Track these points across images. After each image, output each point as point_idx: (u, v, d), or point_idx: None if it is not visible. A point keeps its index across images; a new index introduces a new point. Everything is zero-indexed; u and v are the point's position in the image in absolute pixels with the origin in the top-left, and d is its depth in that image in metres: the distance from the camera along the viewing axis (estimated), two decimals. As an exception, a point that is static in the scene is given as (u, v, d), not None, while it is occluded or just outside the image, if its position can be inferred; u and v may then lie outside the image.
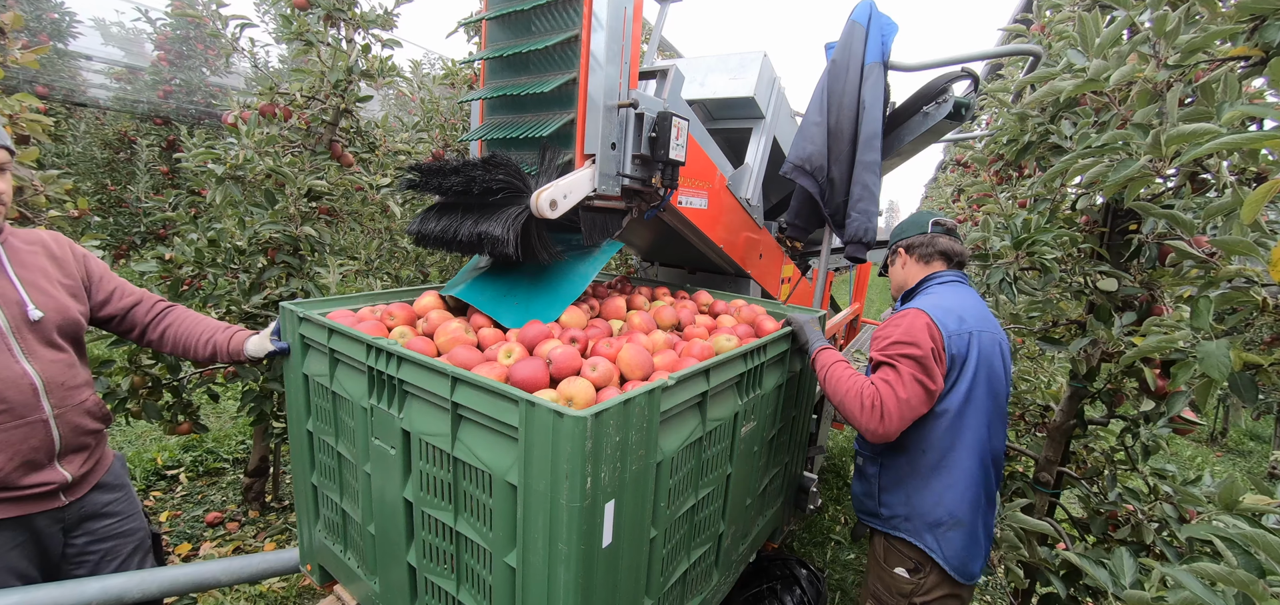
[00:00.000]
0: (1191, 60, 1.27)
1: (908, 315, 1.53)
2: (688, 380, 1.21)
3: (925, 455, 1.55)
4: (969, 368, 1.53)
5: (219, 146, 2.53)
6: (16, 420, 1.33)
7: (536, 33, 1.74)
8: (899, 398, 1.43)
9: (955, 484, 1.54)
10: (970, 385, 1.52)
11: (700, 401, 1.31)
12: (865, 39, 2.16)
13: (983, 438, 1.55)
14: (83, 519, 1.52)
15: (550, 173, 1.61)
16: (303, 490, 1.62)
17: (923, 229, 1.78)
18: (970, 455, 1.54)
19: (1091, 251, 1.99)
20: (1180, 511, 1.79)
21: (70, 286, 1.47)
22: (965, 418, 1.53)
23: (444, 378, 1.10)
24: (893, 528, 1.63)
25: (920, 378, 1.45)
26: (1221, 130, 1.02)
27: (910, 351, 1.47)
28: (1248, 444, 6.33)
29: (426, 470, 1.19)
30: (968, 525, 1.55)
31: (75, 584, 1.39)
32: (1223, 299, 1.24)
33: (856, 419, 1.46)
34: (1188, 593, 0.85)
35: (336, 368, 1.40)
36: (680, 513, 1.31)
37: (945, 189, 5.06)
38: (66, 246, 1.51)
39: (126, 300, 1.60)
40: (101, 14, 7.16)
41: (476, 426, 1.09)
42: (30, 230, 1.48)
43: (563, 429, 0.92)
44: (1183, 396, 1.49)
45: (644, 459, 1.10)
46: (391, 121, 3.76)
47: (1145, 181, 1.33)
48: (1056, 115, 1.96)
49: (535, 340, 1.45)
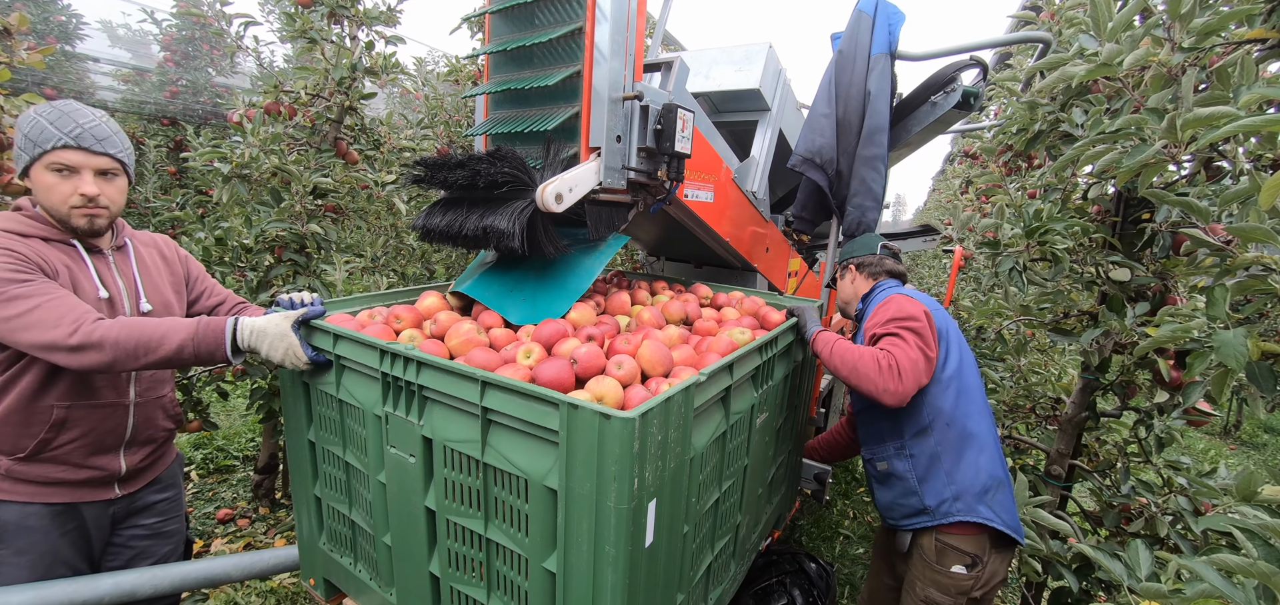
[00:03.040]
0: (1207, 43, 1.24)
1: (892, 300, 1.63)
2: (715, 376, 1.20)
3: (950, 428, 1.59)
4: (952, 338, 1.65)
5: (225, 146, 2.54)
6: (102, 401, 1.41)
7: (540, 26, 1.73)
8: (910, 358, 1.48)
9: (986, 446, 1.59)
10: (960, 354, 1.64)
11: (724, 396, 1.31)
12: (872, 29, 2.13)
13: (984, 399, 1.66)
14: (131, 513, 1.56)
15: (555, 166, 1.60)
16: (304, 502, 1.56)
17: (872, 250, 1.96)
18: (983, 417, 1.62)
19: (1103, 241, 1.96)
20: (1195, 504, 1.77)
21: (175, 284, 1.63)
22: (966, 382, 1.62)
23: (472, 383, 1.06)
24: (946, 516, 1.58)
25: (921, 345, 1.52)
26: (1240, 113, 1.00)
27: (908, 323, 1.54)
28: (1262, 437, 6.26)
29: (452, 477, 1.14)
30: (1005, 481, 1.60)
31: (88, 580, 1.41)
32: (1239, 287, 1.22)
33: (873, 381, 1.47)
34: (1206, 585, 0.84)
35: (343, 375, 1.35)
36: (706, 507, 1.31)
37: (953, 181, 5.02)
38: (173, 248, 1.70)
39: (214, 299, 1.74)
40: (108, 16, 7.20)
41: (509, 431, 1.06)
42: (146, 232, 1.65)
43: (610, 431, 0.90)
44: (1199, 387, 1.47)
45: (680, 455, 1.09)
46: (396, 119, 3.76)
47: (1160, 168, 1.31)
48: (1067, 103, 1.93)
49: (552, 339, 1.43)
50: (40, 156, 1.33)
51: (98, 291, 1.40)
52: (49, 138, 1.32)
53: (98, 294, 1.39)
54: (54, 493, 1.39)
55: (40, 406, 1.34)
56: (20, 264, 1.27)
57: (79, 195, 1.36)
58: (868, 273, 1.90)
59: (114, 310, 1.43)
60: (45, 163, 1.33)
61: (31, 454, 1.35)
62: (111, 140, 1.40)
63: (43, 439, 1.35)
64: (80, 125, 1.35)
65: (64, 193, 1.35)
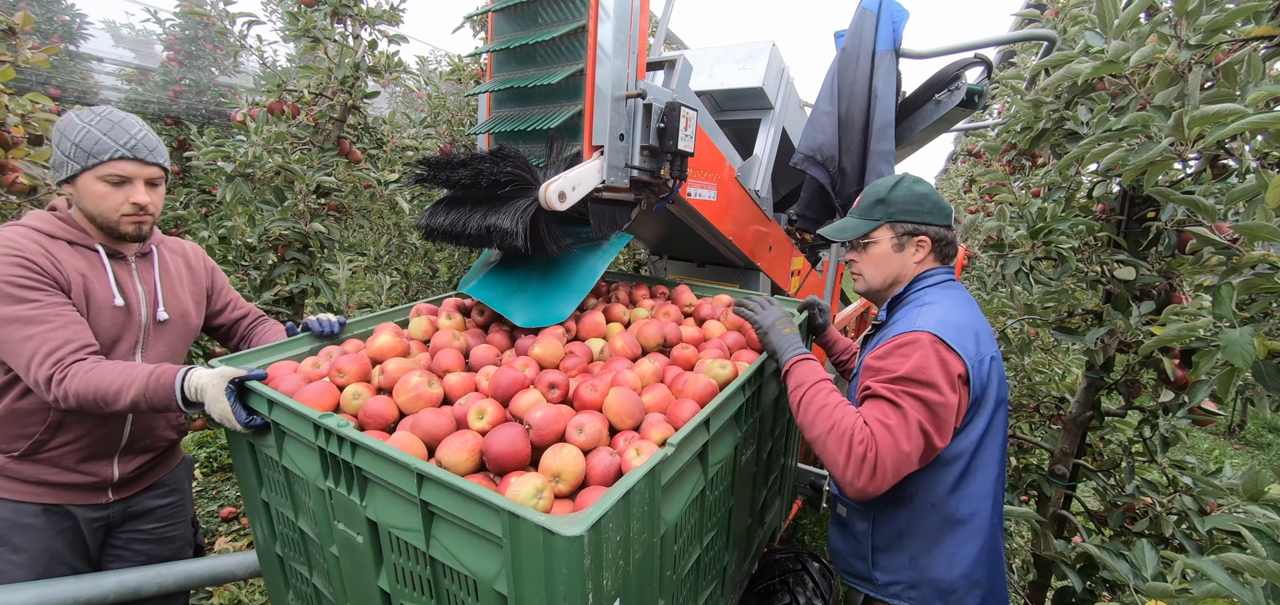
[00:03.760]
0: (1214, 40, 1.24)
1: (917, 343, 1.18)
2: (690, 436, 1.07)
3: (933, 512, 1.26)
4: (988, 401, 1.24)
5: (229, 145, 2.54)
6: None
7: (543, 24, 1.73)
8: (900, 451, 1.11)
9: (971, 539, 1.25)
10: (988, 422, 1.24)
11: (701, 452, 1.16)
12: (876, 27, 2.13)
13: (996, 477, 1.27)
14: (129, 518, 1.56)
15: (558, 164, 1.60)
16: (268, 560, 1.43)
17: (947, 219, 1.39)
18: (986, 502, 1.25)
19: (1108, 240, 1.95)
20: (1200, 504, 1.76)
21: (196, 294, 1.63)
22: (981, 460, 1.24)
23: (408, 472, 0.93)
24: (892, 596, 1.33)
25: (928, 429, 1.14)
26: (1248, 110, 0.99)
27: (923, 395, 1.14)
28: (1266, 437, 6.24)
29: (401, 564, 1.02)
30: (986, 585, 1.27)
31: (92, 578, 1.41)
32: (1246, 286, 1.22)
33: (839, 468, 1.13)
34: (1214, 584, 0.83)
35: (284, 441, 1.19)
36: (686, 570, 1.18)
37: (956, 180, 5.01)
38: (201, 258, 1.70)
39: (237, 312, 1.75)
40: (111, 16, 7.22)
41: (452, 526, 0.93)
42: (177, 239, 1.66)
43: (556, 549, 0.78)
44: (1205, 385, 1.46)
45: (647, 541, 0.97)
46: (398, 118, 3.76)
47: (1166, 166, 1.30)
48: (1072, 101, 1.92)
49: (509, 390, 1.27)
50: (94, 167, 1.34)
51: (113, 300, 1.40)
52: (105, 149, 1.33)
53: (113, 302, 1.40)
54: (44, 493, 1.39)
55: (39, 407, 1.34)
56: (28, 277, 1.28)
57: (131, 204, 1.39)
58: (938, 253, 1.40)
59: (130, 317, 1.44)
60: (99, 173, 1.35)
61: (25, 454, 1.35)
62: (159, 150, 1.44)
63: (38, 440, 1.35)
64: (133, 136, 1.37)
65: (116, 202, 1.37)
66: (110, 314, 1.39)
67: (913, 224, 1.38)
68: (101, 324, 1.39)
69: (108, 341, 1.40)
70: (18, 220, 1.38)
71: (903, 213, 1.38)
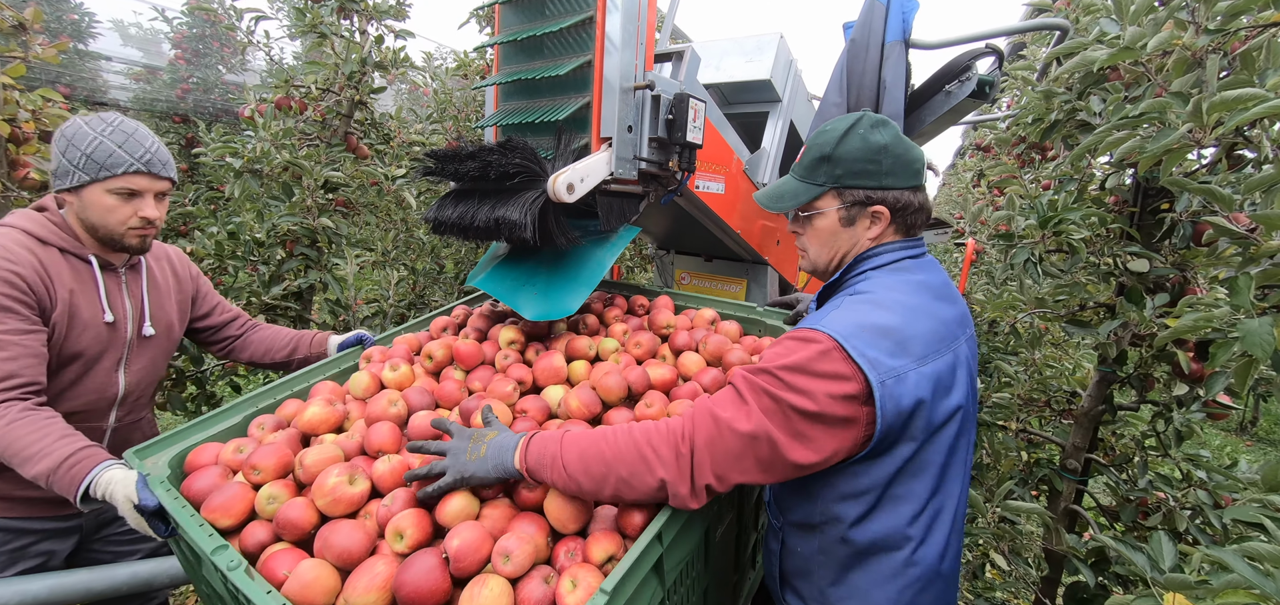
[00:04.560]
0: (1233, 26, 1.22)
1: (810, 343, 0.92)
2: (639, 560, 0.90)
3: (843, 545, 1.04)
4: (916, 427, 0.95)
5: (236, 141, 2.55)
6: (81, 423, 1.35)
7: (551, 16, 1.72)
8: (723, 446, 0.90)
9: (892, 578, 1.03)
10: (916, 450, 0.97)
11: (656, 564, 0.98)
12: (886, 17, 2.11)
13: (939, 507, 1.03)
14: (102, 526, 1.56)
15: (566, 156, 1.59)
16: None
17: (915, 178, 1.08)
18: (915, 524, 1.02)
19: (1121, 232, 1.93)
20: (1215, 497, 1.74)
21: (181, 303, 1.61)
22: (904, 491, 1.00)
23: None
24: None
25: (777, 437, 0.89)
26: (1269, 94, 0.97)
27: (782, 395, 0.90)
28: (1278, 433, 6.17)
29: None
30: None
31: (105, 570, 1.42)
32: (1264, 276, 1.20)
33: (641, 478, 0.94)
34: (1234, 575, 0.82)
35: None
36: None
37: (964, 175, 4.97)
38: (185, 264, 1.67)
39: (224, 317, 1.73)
40: (120, 15, 7.26)
41: None
42: (161, 245, 1.61)
43: None
44: (1222, 377, 1.44)
45: None
46: (405, 114, 3.77)
47: (1182, 155, 1.28)
48: (1084, 91, 1.90)
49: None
50: (106, 179, 1.30)
51: (103, 316, 1.37)
52: (119, 162, 1.29)
53: (103, 319, 1.37)
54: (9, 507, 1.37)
55: None
56: (9, 294, 1.21)
57: (139, 218, 1.35)
58: (900, 223, 1.09)
59: (116, 334, 1.41)
60: (111, 186, 1.31)
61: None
62: (170, 163, 1.41)
63: None
64: (148, 150, 1.34)
65: (124, 215, 1.34)
66: (97, 331, 1.36)
67: (866, 190, 1.06)
68: (86, 341, 1.35)
69: (91, 357, 1.36)
70: (6, 220, 1.34)
71: (853, 175, 1.06)
